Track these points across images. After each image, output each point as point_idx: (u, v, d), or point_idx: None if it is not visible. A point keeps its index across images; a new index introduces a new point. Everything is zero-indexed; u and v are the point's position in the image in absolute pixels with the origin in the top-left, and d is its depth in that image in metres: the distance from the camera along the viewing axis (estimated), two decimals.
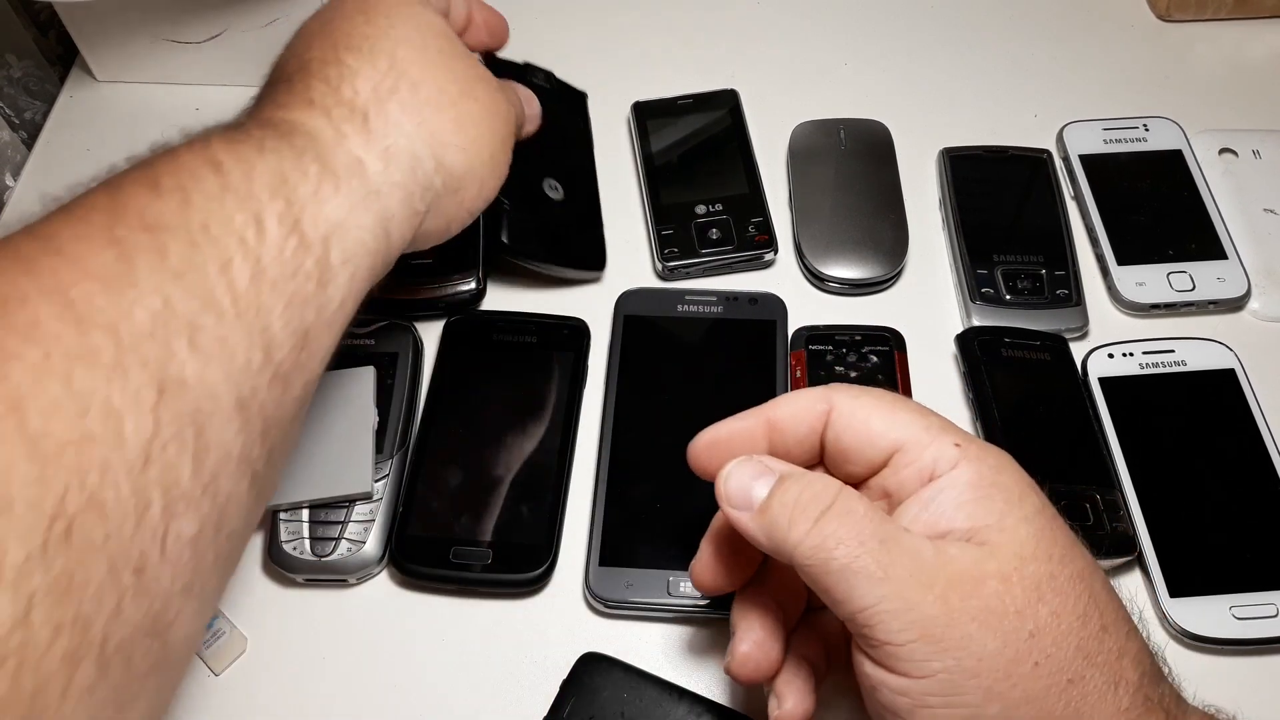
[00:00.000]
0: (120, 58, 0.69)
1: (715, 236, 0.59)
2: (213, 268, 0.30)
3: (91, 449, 0.26)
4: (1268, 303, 0.57)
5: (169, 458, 0.27)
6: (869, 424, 0.35)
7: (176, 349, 0.28)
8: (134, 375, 0.27)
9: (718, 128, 0.64)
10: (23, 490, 0.24)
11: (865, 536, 0.31)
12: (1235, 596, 0.46)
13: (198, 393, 0.29)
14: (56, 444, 0.25)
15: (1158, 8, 0.71)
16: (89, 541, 0.25)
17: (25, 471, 0.25)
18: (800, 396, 0.37)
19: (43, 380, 0.26)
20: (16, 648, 0.24)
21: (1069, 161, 0.62)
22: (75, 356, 0.26)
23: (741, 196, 0.60)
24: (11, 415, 0.25)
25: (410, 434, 0.53)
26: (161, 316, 0.28)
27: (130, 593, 0.26)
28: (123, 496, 0.26)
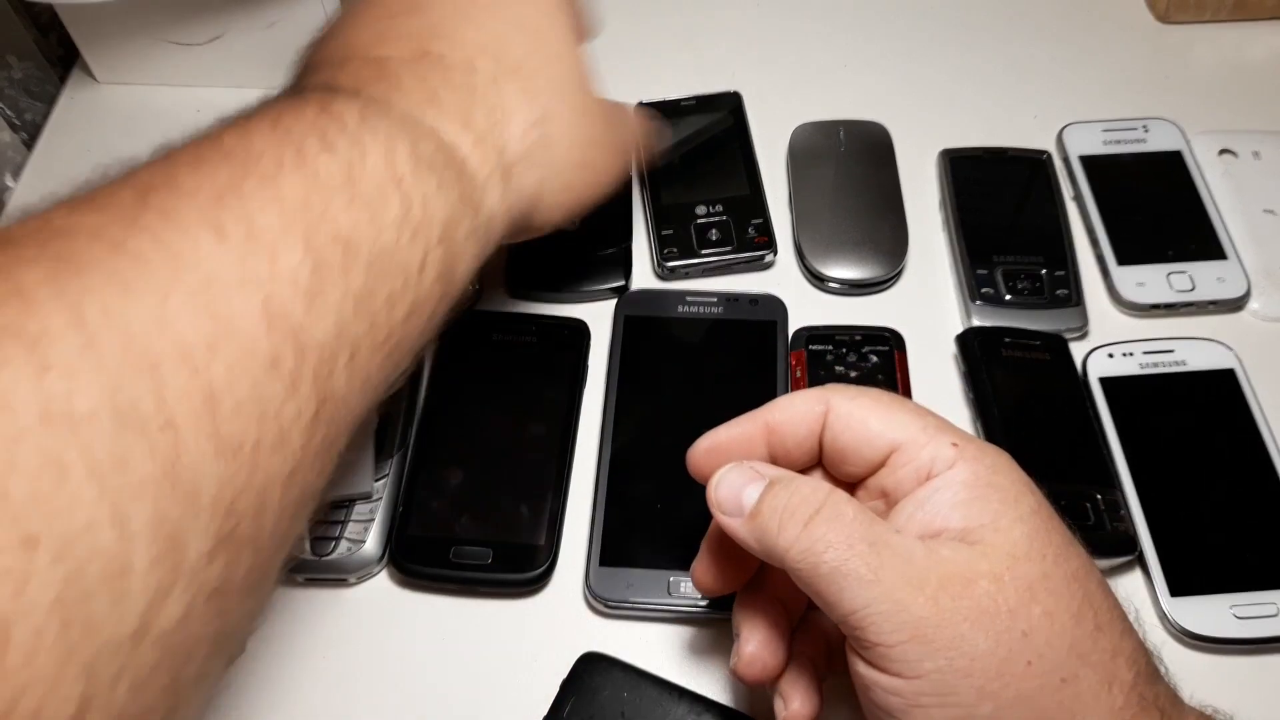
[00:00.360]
0: (120, 59, 0.69)
1: (715, 237, 0.59)
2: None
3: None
4: (1268, 303, 0.57)
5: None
6: (866, 424, 0.35)
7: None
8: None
9: (719, 129, 0.64)
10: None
11: (854, 539, 0.31)
12: (1236, 596, 0.46)
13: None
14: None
15: (1157, 9, 0.71)
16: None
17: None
18: (797, 399, 0.37)
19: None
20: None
21: (1069, 162, 0.62)
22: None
23: (742, 198, 0.60)
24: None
25: (410, 434, 0.53)
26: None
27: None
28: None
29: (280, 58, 0.68)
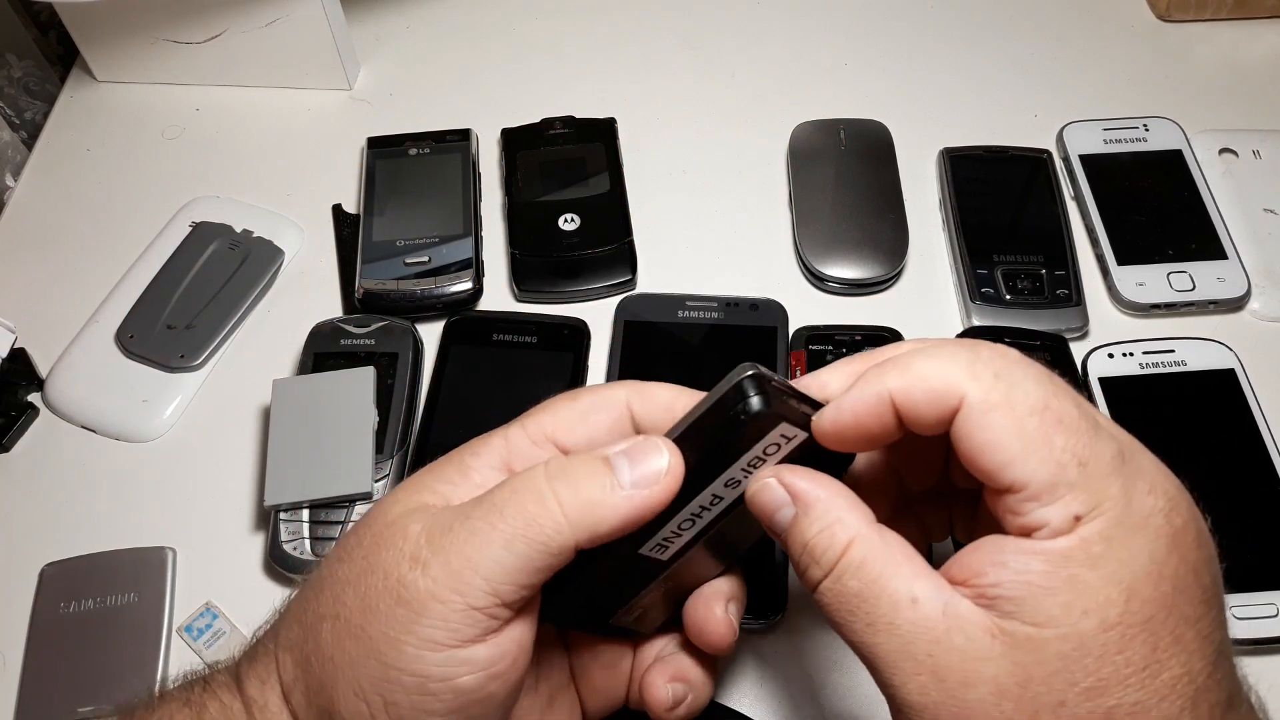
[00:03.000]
0: (120, 58, 0.69)
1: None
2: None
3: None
4: (1268, 303, 0.57)
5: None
6: (995, 450, 0.28)
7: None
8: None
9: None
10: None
11: (853, 618, 0.29)
12: (1235, 596, 0.46)
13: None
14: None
15: (1158, 8, 0.71)
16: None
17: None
18: (928, 374, 0.29)
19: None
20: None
21: (1069, 161, 0.62)
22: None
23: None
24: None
25: (410, 434, 0.53)
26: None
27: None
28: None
29: (279, 56, 0.68)
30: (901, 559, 0.29)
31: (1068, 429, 0.28)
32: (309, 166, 0.66)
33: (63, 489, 0.53)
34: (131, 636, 0.48)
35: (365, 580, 0.30)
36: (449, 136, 0.64)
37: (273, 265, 0.60)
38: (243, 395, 0.56)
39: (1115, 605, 0.27)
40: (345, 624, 0.30)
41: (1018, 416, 0.28)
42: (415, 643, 0.29)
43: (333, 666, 0.30)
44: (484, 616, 0.29)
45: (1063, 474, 0.27)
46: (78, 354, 0.57)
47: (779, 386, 0.31)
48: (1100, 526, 0.27)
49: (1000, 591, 0.28)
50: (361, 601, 0.30)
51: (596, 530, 0.30)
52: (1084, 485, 0.27)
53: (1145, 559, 0.27)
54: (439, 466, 0.33)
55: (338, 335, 0.55)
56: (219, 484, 0.53)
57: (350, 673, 0.30)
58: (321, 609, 0.31)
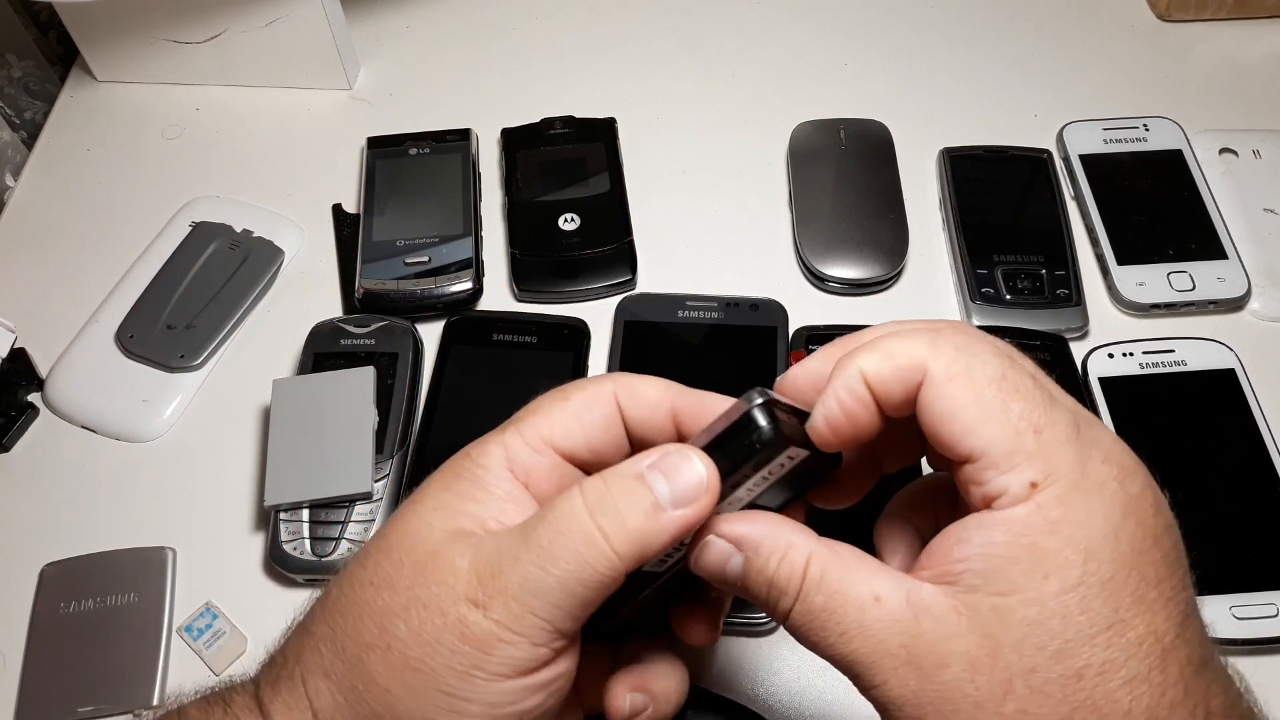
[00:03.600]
0: (120, 58, 0.69)
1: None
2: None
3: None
4: (1268, 303, 0.57)
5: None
6: (954, 419, 0.29)
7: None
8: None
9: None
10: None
11: (825, 633, 0.30)
12: (1235, 596, 0.46)
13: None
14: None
15: (1158, 8, 0.71)
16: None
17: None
18: (895, 352, 0.30)
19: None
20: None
21: (1069, 161, 0.62)
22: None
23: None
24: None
25: (410, 434, 0.53)
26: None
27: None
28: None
29: (279, 56, 0.68)
30: (855, 563, 0.30)
31: (1024, 398, 0.29)
32: (309, 166, 0.66)
33: (63, 489, 0.53)
34: (131, 636, 0.48)
35: (417, 614, 0.30)
36: (449, 136, 0.64)
37: (273, 265, 0.60)
38: (243, 395, 0.56)
39: (1074, 567, 0.27)
40: (401, 657, 0.30)
41: (976, 386, 0.29)
42: (484, 676, 0.30)
43: (390, 698, 0.30)
44: (546, 650, 0.30)
45: (1019, 441, 0.28)
46: (78, 354, 0.57)
47: (784, 409, 0.31)
48: (1057, 492, 0.28)
49: (966, 566, 0.28)
50: (417, 636, 0.30)
51: (646, 555, 0.30)
52: (1040, 452, 0.28)
53: (1100, 521, 0.28)
54: (455, 482, 0.33)
55: (338, 335, 0.55)
56: (219, 484, 0.53)
57: (412, 703, 0.30)
58: (365, 638, 0.31)
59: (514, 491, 0.32)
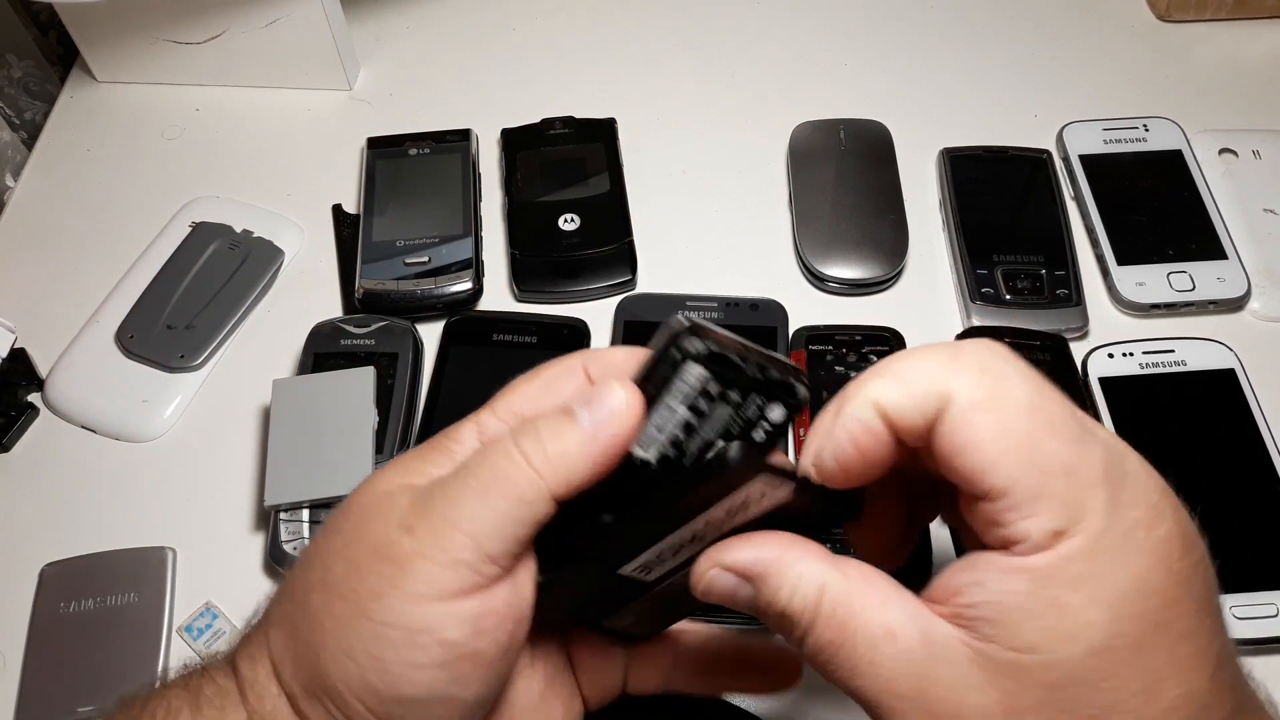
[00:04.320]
0: (120, 58, 0.69)
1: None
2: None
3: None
4: (1268, 303, 0.57)
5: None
6: (977, 452, 0.26)
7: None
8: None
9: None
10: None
11: (836, 668, 0.28)
12: (1235, 596, 0.46)
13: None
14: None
15: (1158, 8, 0.71)
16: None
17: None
18: (914, 380, 0.27)
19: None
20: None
21: (1069, 161, 0.62)
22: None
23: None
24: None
25: (410, 434, 0.53)
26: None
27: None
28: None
29: (279, 56, 0.68)
30: (868, 589, 0.28)
31: (1056, 433, 0.26)
32: (309, 166, 0.66)
33: (63, 489, 0.53)
34: (131, 636, 0.48)
35: (354, 548, 0.31)
36: (449, 136, 0.64)
37: (273, 265, 0.60)
38: (243, 395, 0.56)
39: (1100, 628, 0.25)
40: (334, 589, 0.31)
41: (1003, 417, 0.26)
42: (401, 596, 0.30)
43: (321, 631, 0.31)
44: (469, 572, 0.30)
45: (1048, 484, 0.26)
46: (78, 354, 0.57)
47: (718, 339, 0.31)
48: (1081, 543, 0.26)
49: (977, 613, 0.26)
50: (349, 567, 0.31)
51: (570, 476, 0.30)
52: (1069, 497, 0.26)
53: (1128, 576, 0.26)
54: (422, 450, 0.34)
55: (338, 335, 0.55)
56: (219, 484, 0.53)
57: (339, 633, 0.30)
58: (311, 579, 0.32)
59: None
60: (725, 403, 0.31)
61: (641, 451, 0.31)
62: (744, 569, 0.30)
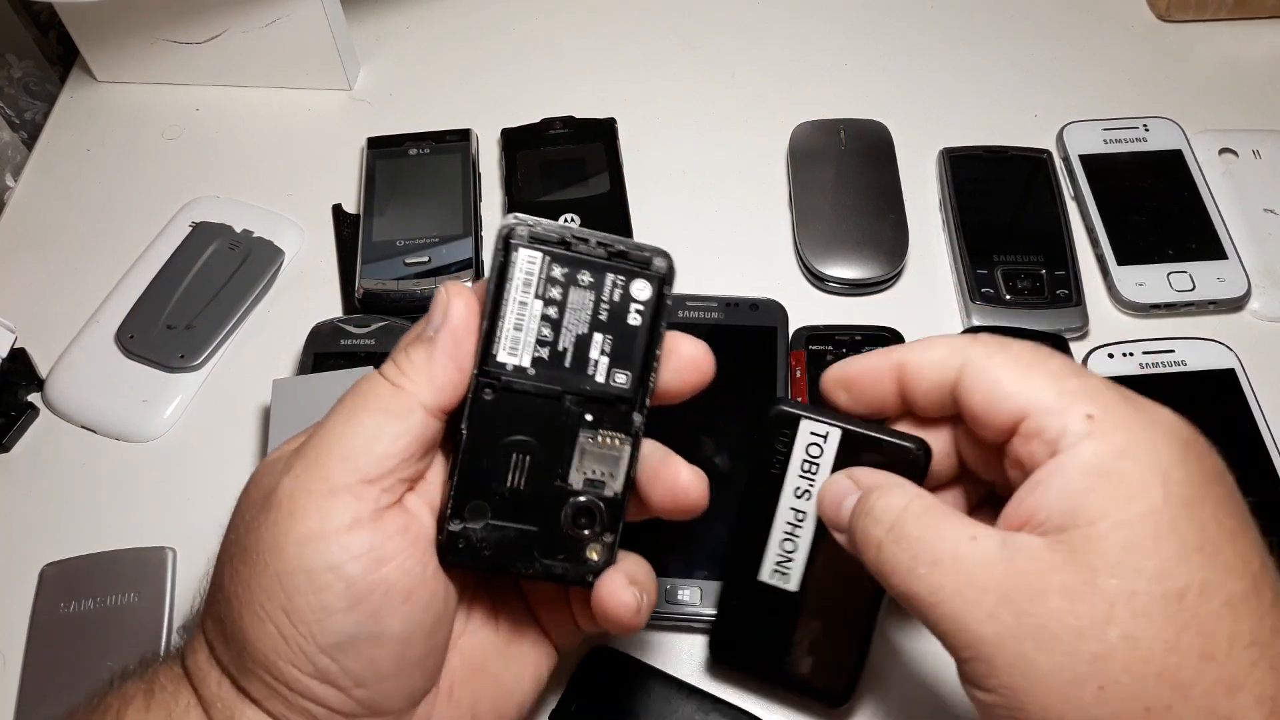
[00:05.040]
0: (120, 58, 0.69)
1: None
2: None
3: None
4: (1268, 303, 0.57)
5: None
6: (999, 385, 0.31)
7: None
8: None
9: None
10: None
11: (917, 560, 0.31)
12: None
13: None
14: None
15: (1158, 8, 0.71)
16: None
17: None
18: (936, 345, 0.34)
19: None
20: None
21: (1069, 161, 0.62)
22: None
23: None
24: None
25: None
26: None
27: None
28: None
29: (279, 56, 0.68)
30: (957, 514, 0.32)
31: (1059, 360, 0.32)
32: (309, 166, 0.66)
33: (63, 489, 0.53)
34: (131, 636, 0.48)
35: (247, 510, 0.32)
36: (449, 136, 0.64)
37: (273, 265, 0.60)
38: (243, 395, 0.56)
39: (1154, 486, 0.28)
40: (237, 554, 0.32)
41: (1013, 357, 0.32)
42: (295, 539, 0.30)
43: (236, 600, 0.31)
44: (351, 499, 0.30)
45: (1065, 384, 0.30)
46: (78, 354, 0.57)
47: (543, 224, 0.32)
48: (1116, 421, 0.30)
49: (1049, 512, 0.29)
50: (246, 528, 0.32)
51: (430, 382, 0.32)
52: (1087, 391, 0.30)
53: (1166, 446, 0.29)
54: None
55: (338, 335, 0.55)
56: (219, 484, 0.53)
57: (248, 596, 0.31)
58: (222, 556, 0.33)
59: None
60: (579, 287, 0.31)
61: (512, 357, 0.31)
62: (861, 479, 0.35)
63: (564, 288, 0.31)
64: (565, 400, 0.32)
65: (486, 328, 0.32)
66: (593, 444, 0.33)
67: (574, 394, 0.32)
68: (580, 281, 0.31)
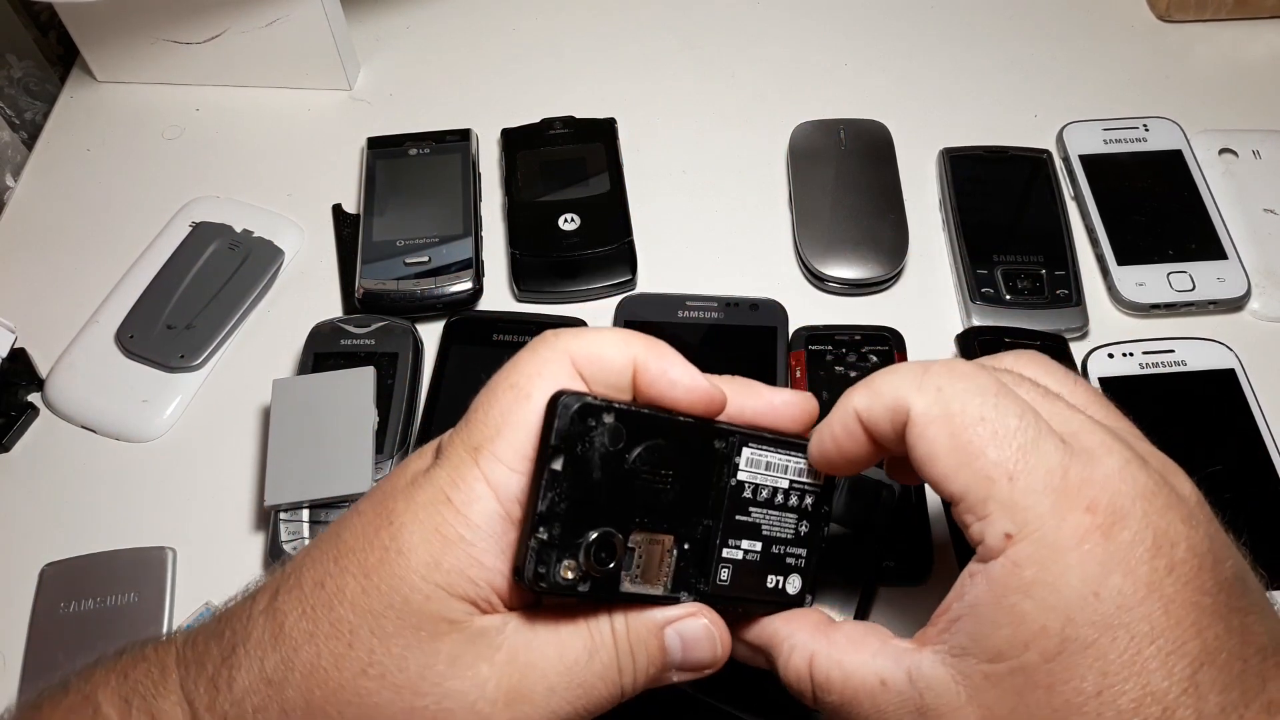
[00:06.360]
0: (120, 58, 0.69)
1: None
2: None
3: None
4: (1268, 303, 0.57)
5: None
6: (932, 461, 0.29)
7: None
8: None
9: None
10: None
11: (852, 714, 0.31)
12: None
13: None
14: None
15: (1158, 8, 0.71)
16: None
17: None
18: (881, 391, 0.31)
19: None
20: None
21: (1069, 161, 0.62)
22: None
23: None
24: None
25: (410, 434, 0.53)
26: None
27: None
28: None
29: (279, 56, 0.68)
30: (855, 649, 0.31)
31: (1002, 442, 0.28)
32: (309, 166, 0.66)
33: (63, 489, 0.53)
34: (131, 637, 0.47)
35: (417, 701, 0.29)
36: (449, 136, 0.64)
37: (273, 265, 0.60)
38: (243, 395, 0.56)
39: (1052, 636, 0.26)
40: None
41: (954, 428, 0.29)
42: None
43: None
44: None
45: (992, 488, 0.28)
46: (78, 354, 0.57)
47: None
48: (1029, 550, 0.27)
49: (959, 627, 0.29)
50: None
51: (635, 689, 0.32)
52: (1013, 502, 0.27)
53: (1077, 581, 0.26)
54: (441, 551, 0.29)
55: (338, 335, 0.55)
56: (219, 484, 0.53)
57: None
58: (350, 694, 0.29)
59: (496, 530, 0.30)
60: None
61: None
62: (753, 642, 0.34)
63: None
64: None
65: None
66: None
67: None
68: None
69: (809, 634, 0.32)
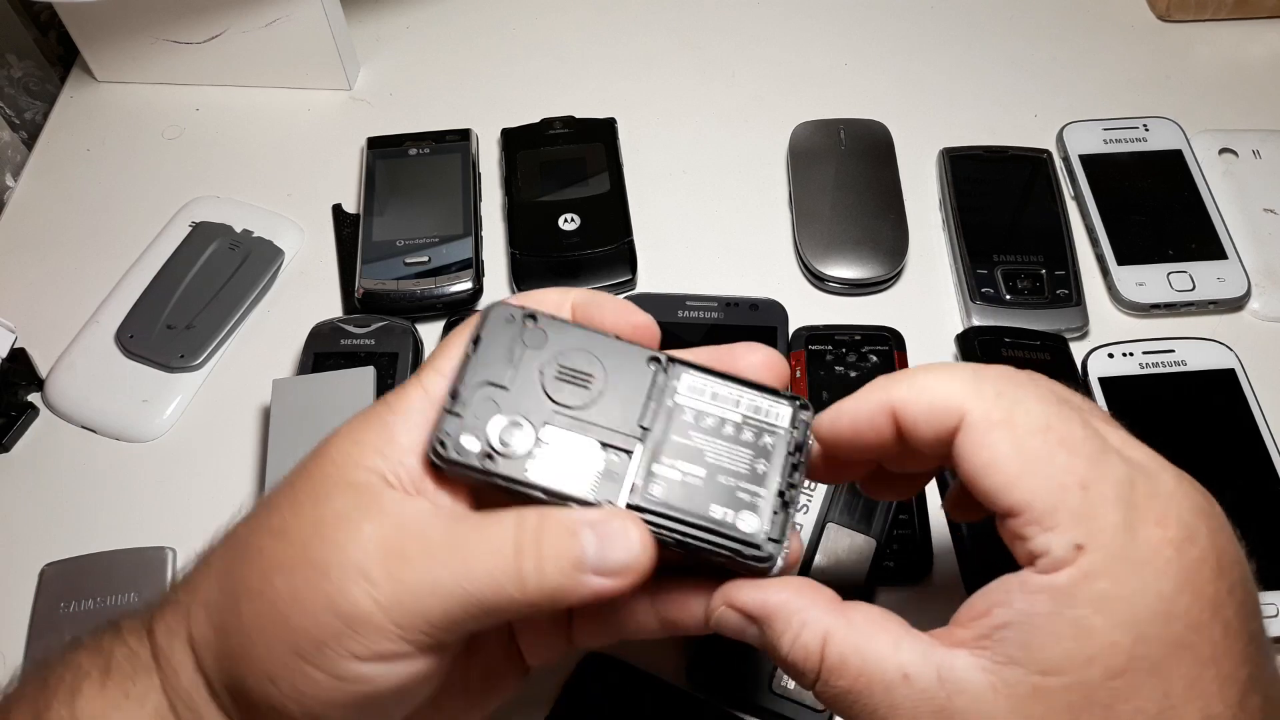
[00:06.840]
0: (120, 58, 0.69)
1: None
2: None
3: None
4: (1268, 303, 0.57)
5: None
6: (993, 470, 0.27)
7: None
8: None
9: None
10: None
11: (857, 703, 0.28)
12: None
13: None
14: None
15: (1158, 8, 0.71)
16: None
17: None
18: (931, 391, 0.29)
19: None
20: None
21: (1069, 161, 0.62)
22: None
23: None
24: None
25: None
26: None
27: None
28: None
29: (279, 56, 0.68)
30: (877, 633, 0.28)
31: (1071, 450, 0.27)
32: (309, 166, 0.66)
33: (63, 489, 0.53)
34: None
35: (301, 572, 0.29)
36: (449, 136, 0.64)
37: (273, 265, 0.60)
38: (243, 395, 0.56)
39: (1121, 652, 0.25)
40: (271, 609, 0.30)
41: (1018, 435, 0.27)
42: (341, 651, 0.29)
43: (250, 645, 0.30)
44: (412, 647, 0.29)
45: (1064, 496, 0.26)
46: (78, 354, 0.57)
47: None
48: (1102, 560, 0.26)
49: (1004, 634, 0.27)
50: (292, 592, 0.29)
51: (556, 605, 0.29)
52: (1084, 511, 0.26)
53: (1151, 598, 0.26)
54: (362, 430, 0.31)
55: (338, 335, 0.55)
56: (219, 484, 0.53)
57: (268, 656, 0.30)
58: (247, 581, 0.31)
59: (417, 421, 0.31)
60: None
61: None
62: (752, 608, 0.30)
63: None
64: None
65: None
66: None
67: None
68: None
69: (824, 610, 0.29)
